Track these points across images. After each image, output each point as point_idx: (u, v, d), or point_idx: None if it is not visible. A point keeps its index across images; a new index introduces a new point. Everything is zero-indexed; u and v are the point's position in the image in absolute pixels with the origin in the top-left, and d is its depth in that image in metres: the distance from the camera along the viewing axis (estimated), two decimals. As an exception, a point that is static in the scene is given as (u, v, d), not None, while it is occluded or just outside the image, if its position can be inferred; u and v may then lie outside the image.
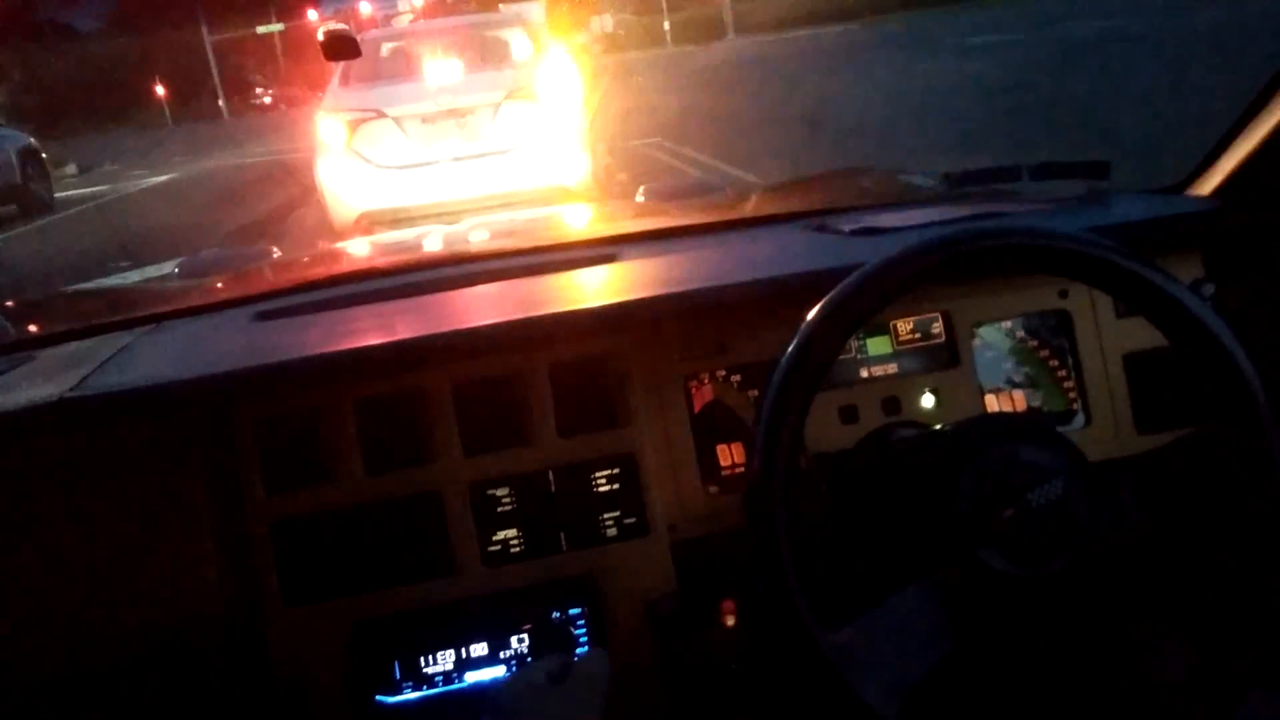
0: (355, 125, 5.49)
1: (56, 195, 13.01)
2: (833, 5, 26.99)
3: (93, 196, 13.60)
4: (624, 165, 8.06)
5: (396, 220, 5.38)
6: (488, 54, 6.50)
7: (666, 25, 33.26)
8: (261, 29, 36.82)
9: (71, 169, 17.44)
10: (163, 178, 14.90)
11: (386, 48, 6.53)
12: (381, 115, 5.47)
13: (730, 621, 1.11)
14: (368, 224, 5.51)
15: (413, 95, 5.62)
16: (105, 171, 17.46)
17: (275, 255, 2.06)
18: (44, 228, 11.10)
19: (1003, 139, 6.62)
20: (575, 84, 5.90)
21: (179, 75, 36.62)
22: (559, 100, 5.64)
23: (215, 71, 37.16)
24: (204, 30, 35.74)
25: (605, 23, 32.19)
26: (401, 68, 6.25)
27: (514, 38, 6.47)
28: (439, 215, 5.19)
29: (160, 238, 8.63)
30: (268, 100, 38.94)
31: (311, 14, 34.39)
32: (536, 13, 9.10)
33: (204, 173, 15.02)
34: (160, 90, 35.88)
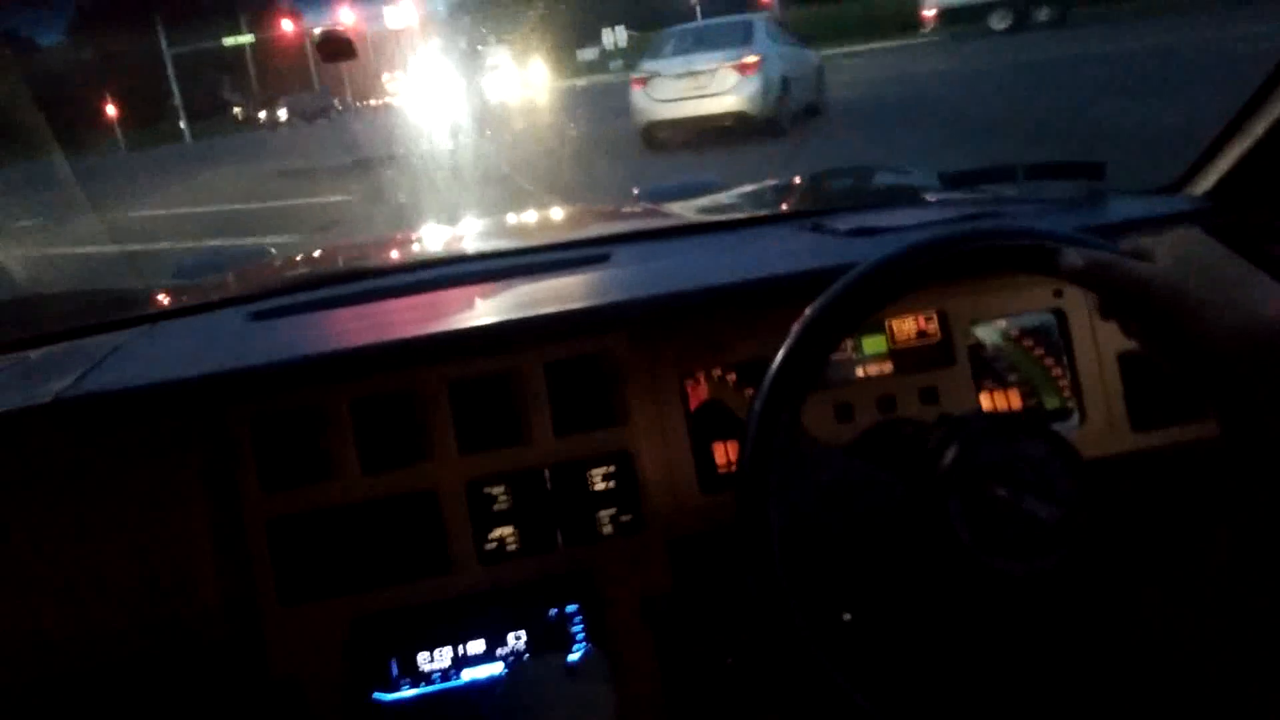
0: (647, 79, 10.98)
1: None
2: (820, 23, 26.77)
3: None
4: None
5: (674, 123, 10.83)
6: (718, 41, 11.23)
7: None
8: (229, 41, 33.47)
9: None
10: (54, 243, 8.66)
11: (669, 37, 11.94)
12: (659, 75, 10.90)
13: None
14: (651, 128, 10.96)
15: (674, 65, 10.89)
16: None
17: (271, 255, 2.06)
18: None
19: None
20: (773, 55, 10.89)
21: (135, 93, 31.72)
22: (758, 64, 10.58)
23: (175, 89, 32.96)
24: (161, 41, 31.65)
25: (619, 36, 30.11)
26: (671, 48, 11.56)
27: (734, 30, 11.33)
28: (688, 119, 10.70)
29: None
30: (238, 117, 34.11)
31: (286, 24, 31.71)
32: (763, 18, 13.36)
33: (131, 227, 10.03)
34: (111, 110, 30.20)
